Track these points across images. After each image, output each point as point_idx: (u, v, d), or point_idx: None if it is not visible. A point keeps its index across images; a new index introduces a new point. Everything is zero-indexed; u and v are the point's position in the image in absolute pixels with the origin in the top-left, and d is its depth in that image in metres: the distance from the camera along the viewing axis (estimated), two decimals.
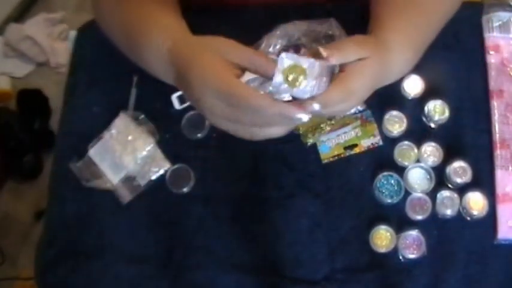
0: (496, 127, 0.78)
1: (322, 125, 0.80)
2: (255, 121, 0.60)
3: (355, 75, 0.62)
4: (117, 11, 0.75)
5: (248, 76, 0.72)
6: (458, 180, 0.75)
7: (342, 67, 0.62)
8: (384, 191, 0.76)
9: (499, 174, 0.76)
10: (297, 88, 0.57)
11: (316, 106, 0.58)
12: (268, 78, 0.60)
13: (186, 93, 0.67)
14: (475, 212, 0.74)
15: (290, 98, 0.59)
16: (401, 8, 0.72)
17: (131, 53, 0.77)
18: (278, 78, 0.57)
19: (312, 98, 0.58)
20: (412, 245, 0.74)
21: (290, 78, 0.57)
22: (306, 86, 0.57)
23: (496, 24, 0.83)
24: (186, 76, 0.63)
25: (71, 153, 0.83)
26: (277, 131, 0.62)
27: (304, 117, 0.58)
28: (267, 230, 0.77)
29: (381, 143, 0.79)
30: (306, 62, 0.57)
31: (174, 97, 0.84)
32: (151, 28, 0.70)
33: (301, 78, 0.57)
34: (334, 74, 0.62)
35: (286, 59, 0.57)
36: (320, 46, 0.61)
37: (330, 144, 0.79)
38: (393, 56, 0.68)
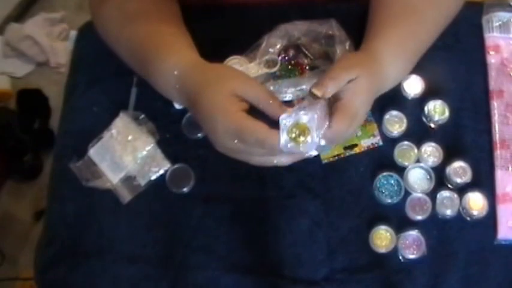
0: (496, 127, 0.78)
1: None
2: (264, 152, 0.61)
3: (352, 100, 0.63)
4: (125, 28, 0.75)
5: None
6: (458, 181, 0.75)
7: (336, 95, 0.64)
8: (383, 191, 0.76)
9: (499, 174, 0.76)
10: (304, 145, 0.59)
11: (322, 142, 0.60)
12: (274, 120, 0.62)
13: (196, 118, 0.67)
14: (475, 212, 0.74)
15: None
16: (398, 16, 0.72)
17: (138, 70, 0.77)
18: (283, 139, 0.59)
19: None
20: (412, 245, 0.74)
21: (294, 135, 0.59)
22: (311, 142, 0.59)
23: (496, 24, 0.83)
24: (194, 107, 0.65)
25: (71, 153, 0.83)
26: (285, 160, 0.64)
27: (314, 152, 0.59)
28: (267, 230, 0.77)
29: (380, 143, 0.79)
30: (305, 117, 0.58)
31: None
32: (161, 53, 0.71)
33: (302, 138, 0.59)
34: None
35: (287, 121, 0.59)
36: (313, 87, 0.62)
37: None
38: (385, 65, 0.69)
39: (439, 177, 0.76)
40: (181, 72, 0.68)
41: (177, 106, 0.83)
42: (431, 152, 0.78)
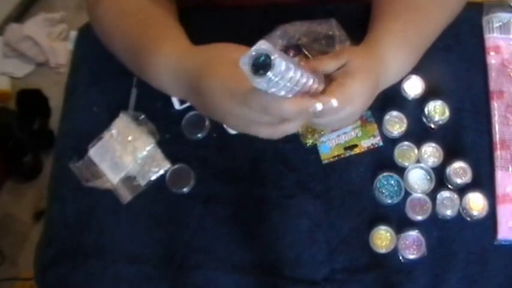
0: (496, 128, 0.78)
1: None
2: (270, 119, 0.59)
3: (346, 82, 0.62)
4: (120, 24, 0.75)
5: None
6: (458, 181, 0.75)
7: (331, 77, 0.63)
8: (384, 191, 0.76)
9: (499, 175, 0.76)
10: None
11: (318, 106, 0.57)
12: None
13: (198, 102, 0.66)
14: (475, 213, 0.74)
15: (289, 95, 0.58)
16: (401, 10, 0.73)
17: (133, 66, 0.77)
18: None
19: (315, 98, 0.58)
20: (412, 246, 0.74)
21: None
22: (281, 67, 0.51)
23: (496, 25, 0.83)
24: (200, 84, 0.63)
25: (71, 153, 0.83)
26: (292, 126, 0.61)
27: (319, 106, 0.57)
28: (267, 230, 0.77)
29: (381, 143, 0.79)
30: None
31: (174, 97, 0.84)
32: (156, 43, 0.70)
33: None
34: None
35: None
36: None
37: (330, 145, 0.79)
38: (386, 56, 0.68)
39: (439, 178, 0.76)
40: (179, 57, 0.67)
41: (177, 106, 0.84)
42: (431, 152, 0.78)
